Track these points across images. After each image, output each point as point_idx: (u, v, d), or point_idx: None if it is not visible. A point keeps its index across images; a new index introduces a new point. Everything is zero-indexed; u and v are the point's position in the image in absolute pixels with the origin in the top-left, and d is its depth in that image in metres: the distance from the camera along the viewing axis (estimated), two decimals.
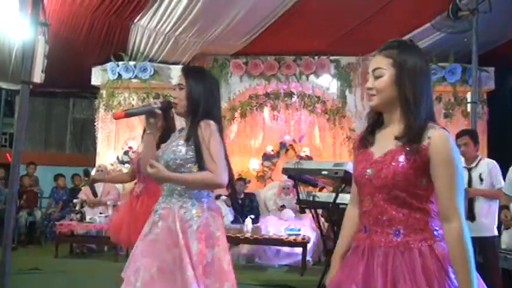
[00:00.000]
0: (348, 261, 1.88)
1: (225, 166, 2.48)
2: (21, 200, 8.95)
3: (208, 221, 2.48)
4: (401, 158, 1.75)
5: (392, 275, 1.71)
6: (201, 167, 2.47)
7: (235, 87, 9.21)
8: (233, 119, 9.21)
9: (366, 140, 1.90)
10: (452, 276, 1.69)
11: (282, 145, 9.31)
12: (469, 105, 6.95)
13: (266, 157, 9.29)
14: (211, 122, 2.51)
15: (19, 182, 8.71)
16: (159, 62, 8.94)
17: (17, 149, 4.40)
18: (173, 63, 8.99)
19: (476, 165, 4.77)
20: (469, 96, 7.15)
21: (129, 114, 2.59)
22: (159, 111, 2.62)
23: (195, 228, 2.44)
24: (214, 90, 2.66)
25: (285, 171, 5.95)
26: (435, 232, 1.75)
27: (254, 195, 8.68)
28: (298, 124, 9.31)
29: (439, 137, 1.73)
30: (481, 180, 4.72)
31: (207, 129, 2.48)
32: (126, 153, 8.92)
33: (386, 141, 1.82)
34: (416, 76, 1.77)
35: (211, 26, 8.10)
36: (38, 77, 4.70)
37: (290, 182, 7.60)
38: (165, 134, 4.08)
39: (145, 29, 8.29)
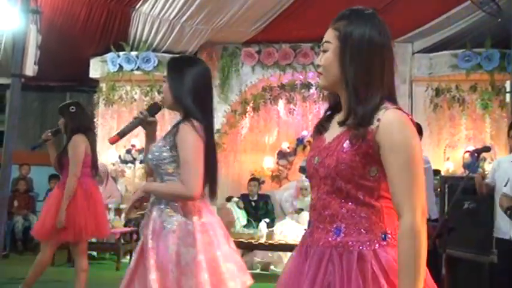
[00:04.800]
0: (292, 262, 1.82)
1: (197, 176, 2.48)
2: (14, 204, 9.03)
3: (185, 220, 2.53)
4: (346, 144, 1.66)
5: (323, 280, 1.62)
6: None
7: (247, 78, 9.19)
8: (245, 114, 9.21)
9: (321, 125, 1.83)
10: None
11: (299, 141, 9.29)
12: (508, 95, 6.90)
13: (282, 155, 9.28)
14: (190, 122, 2.51)
15: (14, 186, 8.88)
16: (164, 52, 8.93)
17: (8, 149, 4.46)
18: (179, 53, 8.94)
19: None
20: (508, 85, 7.08)
21: (122, 135, 2.74)
22: (151, 118, 2.75)
23: (169, 228, 2.52)
24: (198, 83, 2.60)
25: (303, 170, 5.96)
26: (384, 235, 1.63)
27: (269, 197, 8.68)
28: (317, 118, 9.08)
29: (390, 119, 1.61)
30: None
31: (182, 131, 2.50)
32: (128, 151, 8.97)
33: (337, 125, 1.75)
34: (361, 51, 1.66)
35: (220, 12, 8.08)
36: (30, 69, 4.77)
37: (308, 182, 7.59)
38: None
39: (148, 16, 8.30)
